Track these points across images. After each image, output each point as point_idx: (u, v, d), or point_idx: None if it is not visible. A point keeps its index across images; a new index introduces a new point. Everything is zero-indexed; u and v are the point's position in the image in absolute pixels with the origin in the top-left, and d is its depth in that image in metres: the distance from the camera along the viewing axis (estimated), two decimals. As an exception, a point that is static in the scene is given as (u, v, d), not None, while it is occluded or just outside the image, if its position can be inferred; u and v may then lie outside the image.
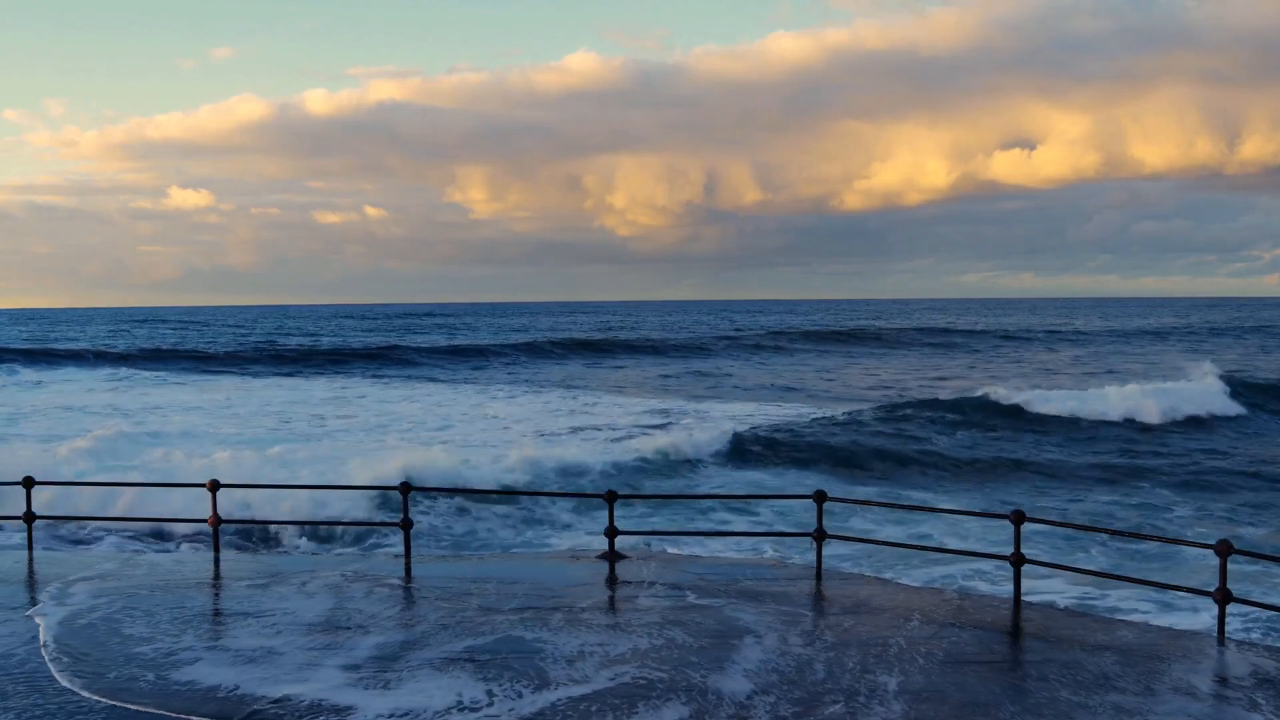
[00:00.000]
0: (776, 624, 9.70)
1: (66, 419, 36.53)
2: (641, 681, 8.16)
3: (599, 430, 34.55)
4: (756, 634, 9.38)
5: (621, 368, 66.66)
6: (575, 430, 34.56)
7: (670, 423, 36.01)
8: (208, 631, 9.69)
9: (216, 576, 11.87)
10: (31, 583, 11.65)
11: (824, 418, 35.29)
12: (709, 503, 21.35)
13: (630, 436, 31.87)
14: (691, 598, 10.65)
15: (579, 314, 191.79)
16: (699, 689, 7.99)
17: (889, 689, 7.97)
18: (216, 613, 10.43)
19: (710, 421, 35.43)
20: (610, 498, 12.26)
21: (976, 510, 19.25)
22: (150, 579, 11.65)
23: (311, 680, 8.28)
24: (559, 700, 7.80)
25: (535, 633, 9.47)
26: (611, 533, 12.34)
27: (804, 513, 18.57)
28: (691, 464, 27.21)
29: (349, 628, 9.65)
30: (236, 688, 8.16)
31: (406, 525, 12.66)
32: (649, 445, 28.19)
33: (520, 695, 7.91)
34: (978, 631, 9.58)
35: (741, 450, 28.80)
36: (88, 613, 10.22)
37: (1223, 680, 8.34)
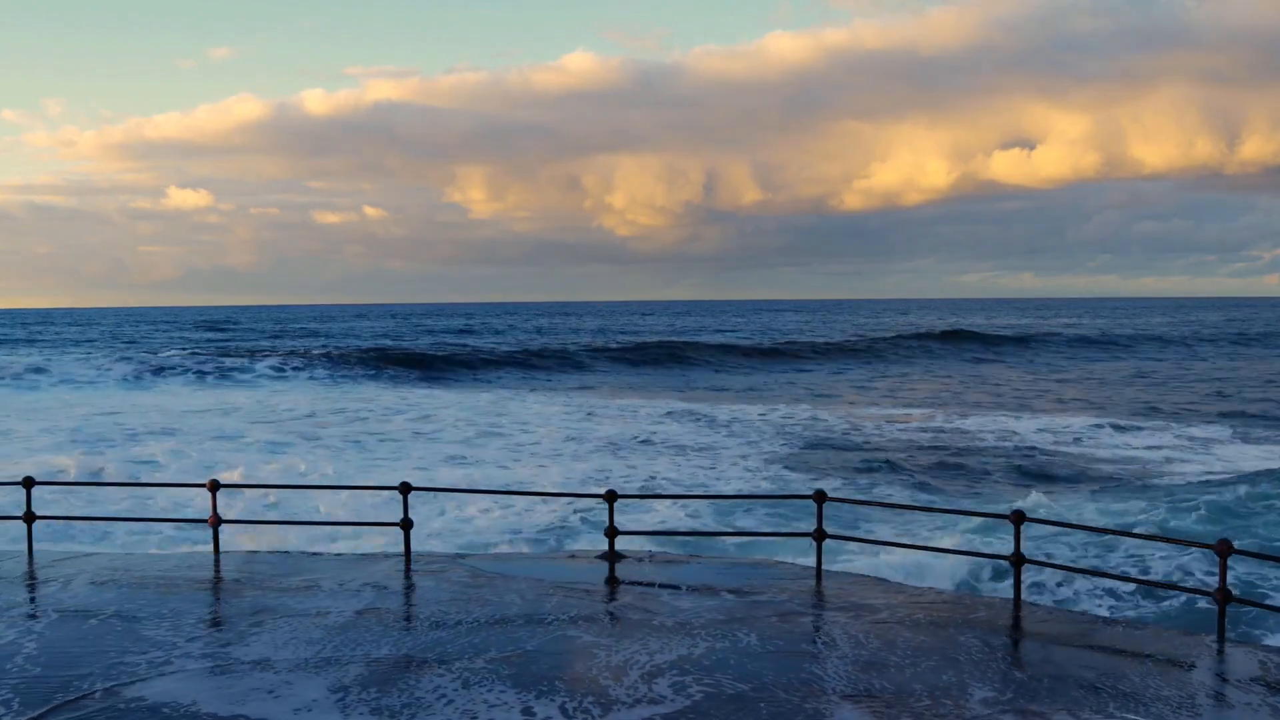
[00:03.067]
0: (828, 628, 9.63)
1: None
2: (727, 694, 7.86)
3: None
4: (824, 638, 9.32)
5: (897, 375, 60.38)
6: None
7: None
8: (199, 638, 9.43)
9: (218, 579, 11.84)
10: (31, 583, 11.63)
11: None
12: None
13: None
14: (727, 599, 10.62)
15: (598, 315, 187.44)
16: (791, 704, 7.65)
17: (973, 696, 7.84)
18: (215, 619, 10.32)
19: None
20: (610, 498, 12.26)
21: (977, 511, 19.22)
22: (156, 580, 11.63)
23: (286, 700, 7.72)
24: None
25: (590, 636, 9.31)
26: (611, 533, 12.34)
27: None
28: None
29: (356, 636, 9.40)
30: (193, 703, 7.65)
31: (406, 525, 12.66)
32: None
33: (590, 716, 7.42)
34: (986, 631, 9.58)
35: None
36: (84, 615, 10.13)
37: (1237, 682, 8.32)
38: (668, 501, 22.15)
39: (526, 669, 8.42)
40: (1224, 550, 9.30)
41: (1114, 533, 15.38)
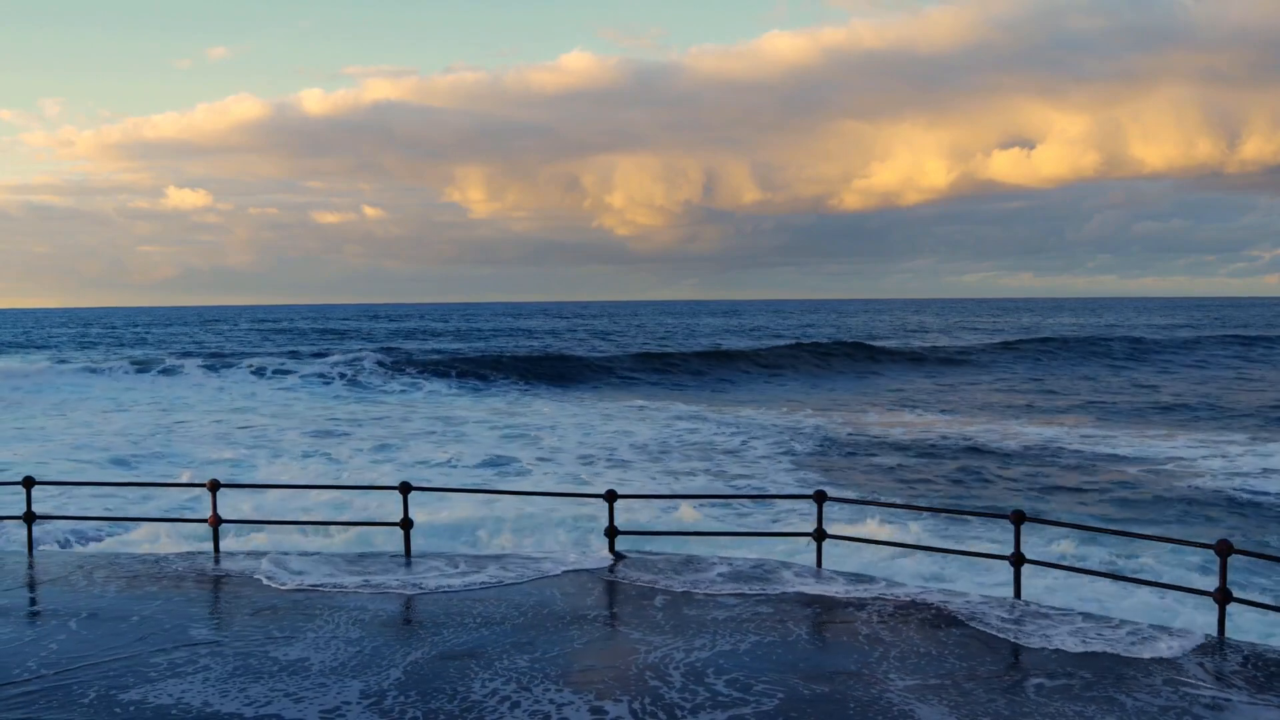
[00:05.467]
0: (861, 622, 9.77)
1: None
2: (804, 694, 7.83)
3: None
4: (866, 631, 9.49)
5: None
6: None
7: None
8: (202, 640, 9.33)
9: (219, 580, 11.81)
10: (32, 584, 11.61)
11: None
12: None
13: None
14: (753, 593, 10.76)
15: (609, 316, 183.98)
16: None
17: (1029, 682, 8.07)
18: (218, 619, 10.31)
19: None
20: (610, 497, 12.26)
21: (976, 510, 19.22)
22: (156, 580, 11.62)
23: (313, 704, 7.61)
24: None
25: (638, 633, 9.34)
26: (611, 533, 12.35)
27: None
28: None
29: (391, 636, 9.32)
30: (206, 704, 7.54)
31: (407, 525, 12.67)
32: None
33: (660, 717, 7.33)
34: (996, 628, 9.67)
35: None
36: (86, 616, 10.10)
37: (1236, 681, 8.35)
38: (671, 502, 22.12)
39: (573, 667, 8.44)
40: (1224, 550, 9.32)
41: (1113, 533, 15.35)
